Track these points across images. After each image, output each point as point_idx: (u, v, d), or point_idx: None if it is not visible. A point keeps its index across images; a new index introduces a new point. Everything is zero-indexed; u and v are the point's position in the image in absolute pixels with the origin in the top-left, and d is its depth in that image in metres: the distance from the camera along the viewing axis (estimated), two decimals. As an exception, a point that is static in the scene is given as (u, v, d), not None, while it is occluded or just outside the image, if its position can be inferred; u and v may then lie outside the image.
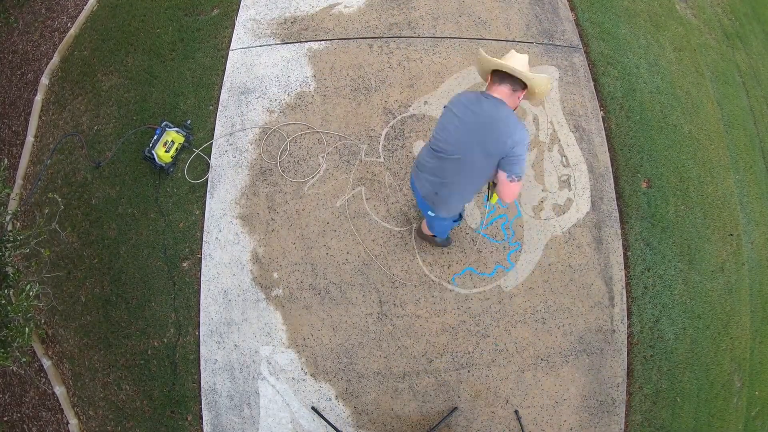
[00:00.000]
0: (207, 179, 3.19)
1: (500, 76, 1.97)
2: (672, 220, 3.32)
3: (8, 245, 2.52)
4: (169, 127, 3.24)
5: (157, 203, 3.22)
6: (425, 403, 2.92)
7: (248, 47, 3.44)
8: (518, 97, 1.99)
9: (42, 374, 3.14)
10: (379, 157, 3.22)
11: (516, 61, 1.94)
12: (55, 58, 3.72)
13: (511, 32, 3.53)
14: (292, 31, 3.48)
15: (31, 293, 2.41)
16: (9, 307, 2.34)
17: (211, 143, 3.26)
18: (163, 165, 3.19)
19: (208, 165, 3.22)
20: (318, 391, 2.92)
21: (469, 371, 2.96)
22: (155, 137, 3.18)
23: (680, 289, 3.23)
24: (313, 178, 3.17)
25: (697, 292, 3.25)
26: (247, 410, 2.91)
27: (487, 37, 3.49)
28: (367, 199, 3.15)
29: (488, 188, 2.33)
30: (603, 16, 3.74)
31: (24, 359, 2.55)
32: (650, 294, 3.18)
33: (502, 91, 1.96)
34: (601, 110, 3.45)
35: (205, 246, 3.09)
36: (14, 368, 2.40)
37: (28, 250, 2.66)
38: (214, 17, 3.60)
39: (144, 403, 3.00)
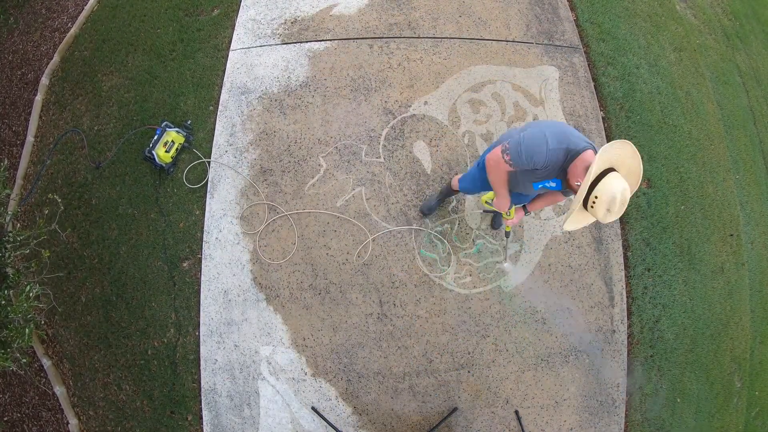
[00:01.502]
0: (206, 182, 3.19)
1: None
2: (672, 221, 3.32)
3: (8, 246, 2.53)
4: (170, 128, 3.24)
5: (157, 203, 3.22)
6: (425, 403, 2.92)
7: (248, 47, 3.44)
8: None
9: (42, 374, 3.14)
10: (380, 157, 3.22)
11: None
12: (56, 58, 3.72)
13: (511, 32, 3.53)
14: (292, 31, 3.48)
15: (31, 294, 2.42)
16: (9, 308, 2.34)
17: (213, 150, 3.26)
18: (164, 165, 3.19)
19: (207, 168, 3.22)
20: (318, 391, 2.92)
21: (469, 371, 2.96)
22: (155, 137, 3.18)
23: (680, 290, 3.23)
24: (313, 178, 3.17)
25: (697, 293, 3.25)
26: (247, 410, 2.91)
27: (487, 38, 3.49)
28: (367, 199, 3.15)
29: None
30: (603, 16, 3.74)
31: (24, 360, 2.56)
32: (650, 294, 3.18)
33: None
34: (601, 110, 3.45)
35: (205, 246, 3.09)
36: (14, 369, 2.40)
37: (28, 251, 2.66)
38: (214, 17, 3.60)
39: (144, 403, 3.00)
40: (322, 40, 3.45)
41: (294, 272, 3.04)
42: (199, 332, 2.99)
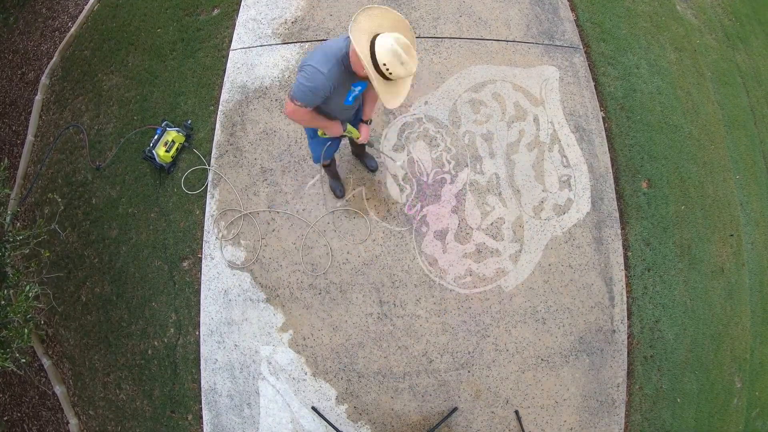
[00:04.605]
0: (205, 187, 3.19)
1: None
2: (672, 221, 3.32)
3: (8, 245, 2.53)
4: (170, 127, 3.24)
5: (157, 203, 3.22)
6: (425, 403, 2.92)
7: (249, 47, 3.44)
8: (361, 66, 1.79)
9: (42, 374, 3.14)
10: (380, 157, 3.21)
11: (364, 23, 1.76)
12: (56, 58, 3.72)
13: (511, 32, 3.53)
14: (292, 31, 3.48)
15: (30, 294, 2.42)
16: (8, 308, 2.34)
17: (213, 150, 3.26)
18: (164, 165, 3.19)
19: (206, 171, 3.22)
20: (318, 391, 2.92)
21: (469, 371, 2.95)
22: (156, 137, 3.18)
23: (680, 290, 3.23)
24: (313, 178, 3.17)
25: (698, 293, 3.25)
26: (247, 410, 2.91)
27: (487, 38, 3.49)
28: (367, 199, 3.15)
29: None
30: (603, 16, 3.74)
31: (24, 360, 2.56)
32: (650, 294, 3.18)
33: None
34: (601, 110, 3.45)
35: (205, 246, 3.09)
36: (13, 368, 2.40)
37: (27, 251, 2.66)
38: (214, 17, 3.60)
39: (144, 403, 3.00)
40: (323, 40, 3.45)
41: (294, 272, 3.04)
42: (199, 332, 2.99)
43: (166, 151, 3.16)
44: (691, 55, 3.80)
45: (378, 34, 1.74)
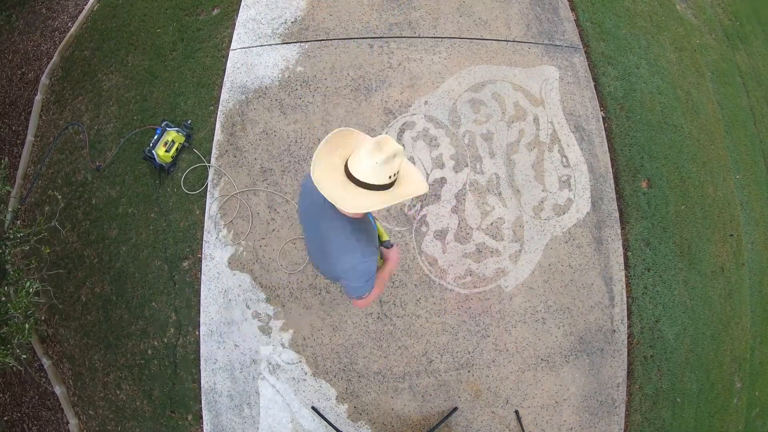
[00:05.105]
0: (205, 187, 3.18)
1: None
2: (672, 221, 3.32)
3: (8, 242, 2.53)
4: (170, 127, 3.24)
5: (157, 203, 3.22)
6: (425, 403, 2.92)
7: (248, 47, 3.44)
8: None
9: (42, 374, 3.14)
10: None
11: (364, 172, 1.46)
12: (56, 58, 3.72)
13: (511, 32, 3.53)
14: (292, 30, 3.48)
15: (31, 290, 2.42)
16: (9, 304, 2.35)
17: (213, 150, 3.26)
18: (164, 165, 3.19)
19: (207, 170, 3.22)
20: (318, 391, 2.91)
21: (469, 371, 2.95)
22: (156, 137, 3.18)
23: (680, 290, 3.23)
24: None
25: (698, 293, 3.25)
26: (247, 410, 2.91)
27: (487, 38, 3.49)
28: (367, 199, 3.15)
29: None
30: (603, 16, 3.74)
31: (24, 356, 2.56)
32: (650, 294, 3.18)
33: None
34: (601, 110, 3.45)
35: (205, 246, 3.09)
36: (14, 366, 2.40)
37: (28, 248, 2.67)
38: (214, 17, 3.60)
39: (144, 403, 3.00)
40: (323, 40, 3.45)
41: (294, 272, 3.04)
42: (199, 332, 2.99)
43: (166, 151, 3.16)
44: (690, 55, 3.80)
45: (346, 164, 1.52)
